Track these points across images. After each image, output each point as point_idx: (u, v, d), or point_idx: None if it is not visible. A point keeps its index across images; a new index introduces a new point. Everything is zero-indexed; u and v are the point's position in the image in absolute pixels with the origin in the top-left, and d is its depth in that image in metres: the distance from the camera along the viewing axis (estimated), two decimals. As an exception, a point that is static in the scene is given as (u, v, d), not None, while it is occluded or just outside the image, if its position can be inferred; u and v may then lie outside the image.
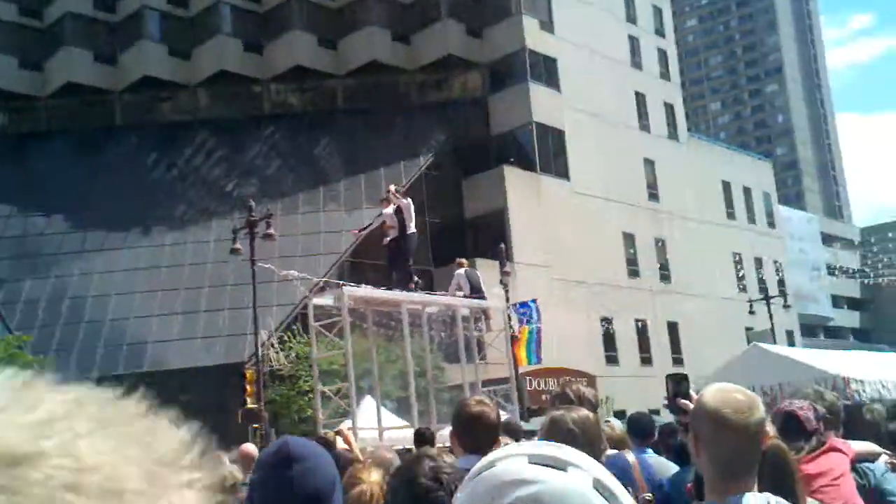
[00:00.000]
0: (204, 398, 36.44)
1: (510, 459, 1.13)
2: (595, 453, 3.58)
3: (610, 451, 4.90)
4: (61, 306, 36.00)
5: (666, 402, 3.88)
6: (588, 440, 3.49)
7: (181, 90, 46.41)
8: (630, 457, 5.29)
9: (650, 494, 4.94)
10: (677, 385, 4.27)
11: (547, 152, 45.16)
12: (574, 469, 1.09)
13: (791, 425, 4.37)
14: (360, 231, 18.68)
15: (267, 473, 2.32)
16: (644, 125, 51.58)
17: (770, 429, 3.76)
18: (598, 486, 1.07)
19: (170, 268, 37.42)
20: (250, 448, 9.63)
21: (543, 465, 1.08)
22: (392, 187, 18.77)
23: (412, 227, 18.37)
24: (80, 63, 45.19)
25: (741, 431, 2.59)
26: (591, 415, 3.73)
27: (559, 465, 1.08)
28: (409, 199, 18.54)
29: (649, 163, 50.81)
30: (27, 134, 44.53)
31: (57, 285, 36.84)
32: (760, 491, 2.65)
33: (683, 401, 4.22)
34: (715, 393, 2.72)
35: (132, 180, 40.43)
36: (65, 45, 45.09)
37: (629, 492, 3.49)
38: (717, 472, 2.64)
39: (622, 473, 4.85)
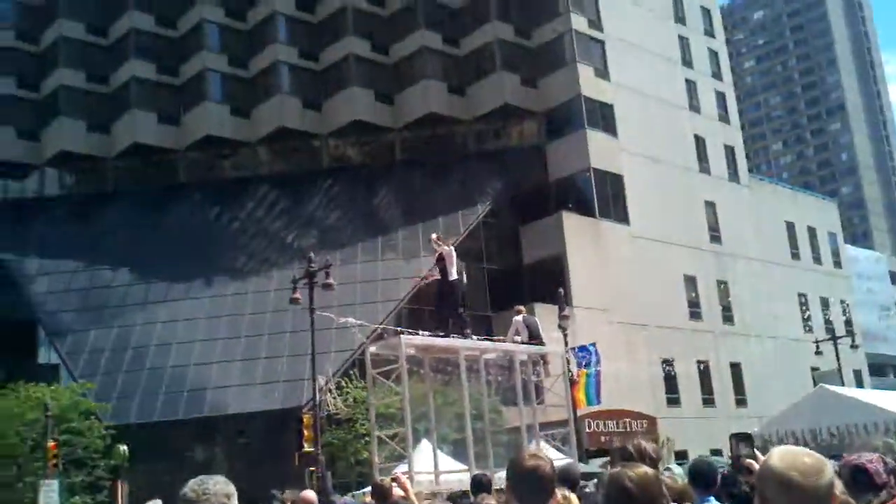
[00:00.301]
0: (262, 442, 36.93)
1: None
2: None
3: None
4: (124, 355, 36.86)
5: (730, 460, 3.85)
6: (647, 498, 3.46)
7: (242, 147, 47.60)
8: None
9: None
10: (741, 444, 4.25)
11: (605, 197, 45.08)
12: None
13: (860, 478, 4.27)
14: (424, 279, 18.81)
15: None
16: (704, 167, 51.24)
17: (837, 483, 3.68)
18: None
19: (230, 317, 38.11)
20: (310, 495, 9.63)
21: None
22: (434, 235, 18.89)
23: (454, 274, 18.41)
24: (144, 125, 46.72)
25: (810, 495, 2.58)
26: (650, 471, 3.70)
27: None
28: (452, 247, 18.63)
29: (710, 205, 50.36)
30: (95, 193, 46.05)
31: (120, 335, 37.76)
32: None
33: (748, 460, 4.17)
34: (782, 455, 2.68)
35: (195, 235, 41.46)
36: (130, 108, 46.71)
37: None
38: None
39: None
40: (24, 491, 27.14)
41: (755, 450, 4.40)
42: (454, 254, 18.53)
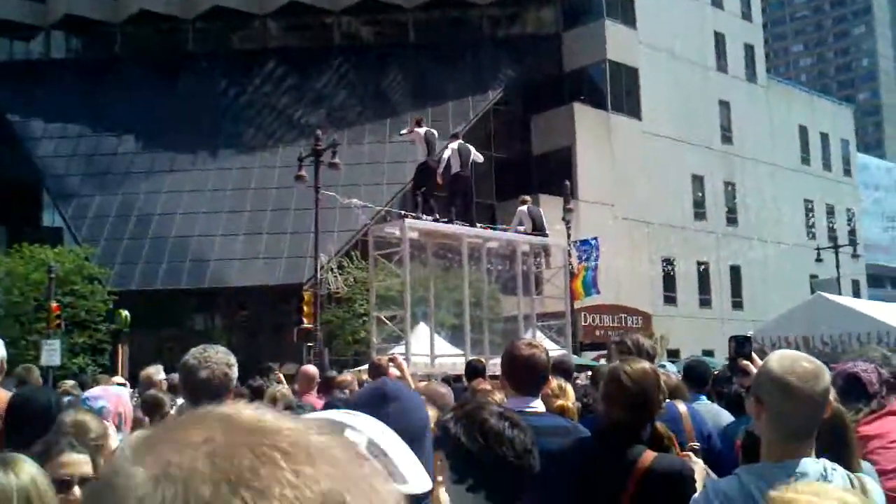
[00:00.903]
0: (262, 316, 37.59)
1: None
2: (652, 405, 3.59)
3: None
4: (128, 222, 37.04)
5: (727, 361, 3.86)
6: (644, 393, 3.53)
7: (252, 20, 46.58)
8: (681, 407, 5.26)
9: (697, 444, 4.91)
10: (740, 346, 4.25)
11: (619, 90, 44.44)
12: (350, 431, 1.14)
13: (853, 387, 4.29)
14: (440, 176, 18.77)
15: (363, 411, 2.40)
16: (722, 66, 50.28)
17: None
18: (371, 447, 1.14)
19: (235, 190, 38.11)
20: (311, 369, 9.77)
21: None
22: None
23: (456, 167, 18.51)
24: (155, -10, 45.59)
25: (806, 400, 2.62)
26: (648, 366, 3.75)
27: (335, 430, 1.14)
28: (459, 140, 18.76)
29: (725, 104, 49.65)
30: (102, 59, 45.35)
31: (124, 202, 37.85)
32: (817, 455, 2.69)
33: (745, 362, 4.20)
34: (781, 360, 2.73)
35: (202, 106, 41.04)
36: (141, -28, 45.48)
37: (678, 440, 3.46)
38: (777, 437, 2.68)
39: (671, 423, 4.86)
40: (26, 348, 27.70)
41: (753, 353, 4.42)
42: (462, 146, 18.49)
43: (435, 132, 18.77)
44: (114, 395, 5.09)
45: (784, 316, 19.01)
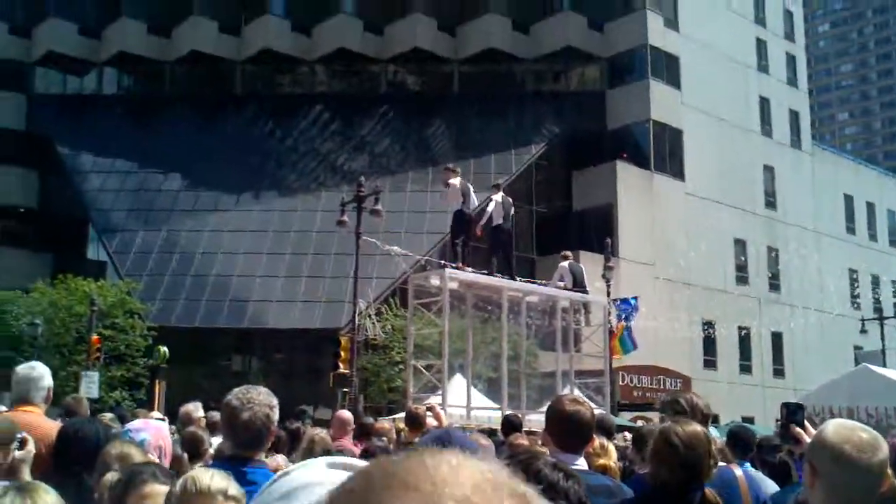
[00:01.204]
0: (298, 359, 37.63)
1: (307, 467, 1.20)
2: (703, 468, 3.53)
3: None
4: (170, 259, 37.39)
5: (778, 427, 3.78)
6: (695, 455, 3.48)
7: (300, 65, 47.33)
8: (737, 471, 5.12)
9: None
10: (793, 413, 4.15)
11: (662, 151, 44.37)
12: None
13: None
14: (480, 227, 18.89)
15: None
16: (766, 131, 50.13)
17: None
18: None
19: (277, 232, 38.39)
20: (346, 414, 9.73)
21: (340, 469, 1.13)
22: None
23: (497, 220, 18.52)
24: (205, 32, 46.46)
25: (863, 471, 2.59)
26: (699, 429, 3.67)
27: (350, 469, 1.11)
28: (500, 194, 18.78)
29: (769, 169, 49.40)
30: (151, 97, 46.29)
31: (168, 239, 38.26)
32: None
33: (798, 430, 4.11)
34: (838, 428, 2.70)
35: (248, 147, 41.59)
36: (192, 14, 46.46)
37: None
38: None
39: (727, 487, 4.74)
40: (66, 379, 27.91)
41: (805, 421, 4.30)
42: (504, 199, 18.53)
43: (469, 184, 18.78)
44: (154, 428, 5.06)
45: (828, 386, 18.67)
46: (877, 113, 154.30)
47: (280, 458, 7.32)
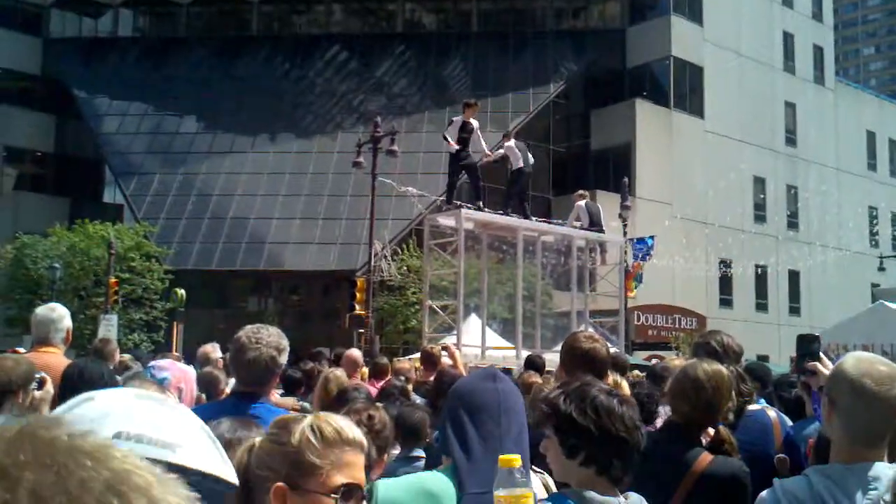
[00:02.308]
0: (314, 300, 37.87)
1: (112, 395, 1.17)
2: (720, 408, 3.56)
3: (752, 407, 4.76)
4: (187, 202, 37.46)
5: (793, 359, 3.77)
6: (717, 394, 3.51)
7: (317, 4, 46.78)
8: (772, 414, 5.07)
9: (784, 456, 4.76)
10: (808, 346, 4.13)
11: (683, 88, 43.79)
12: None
13: None
14: (488, 158, 18.62)
15: (477, 387, 2.66)
16: (789, 67, 49.25)
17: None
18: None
19: (293, 174, 38.34)
20: (355, 353, 9.83)
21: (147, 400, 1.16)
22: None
23: (521, 163, 18.35)
24: (221, -29, 46.02)
25: (881, 403, 2.59)
26: (724, 371, 3.70)
27: (157, 402, 1.18)
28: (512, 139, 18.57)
29: (790, 106, 48.66)
30: (167, 39, 45.93)
31: (184, 182, 38.29)
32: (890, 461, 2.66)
33: (813, 363, 4.08)
34: (857, 362, 2.70)
35: (263, 88, 41.36)
36: (207, -47, 45.91)
37: (768, 452, 3.51)
38: (849, 439, 2.65)
39: (762, 433, 4.75)
40: (85, 323, 28.24)
41: (821, 354, 4.30)
42: (518, 143, 18.37)
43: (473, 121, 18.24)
44: (180, 370, 5.11)
45: (844, 323, 18.66)
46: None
47: (291, 401, 7.36)
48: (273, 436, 1.88)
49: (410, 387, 8.18)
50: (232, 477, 1.24)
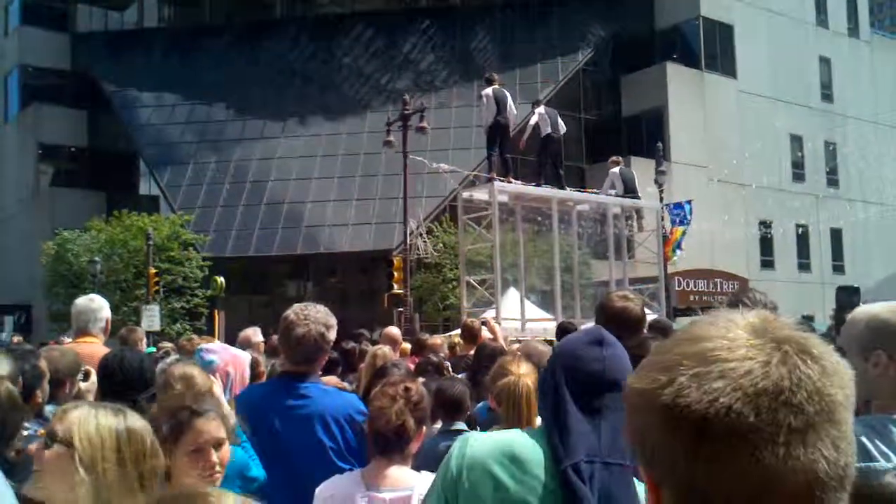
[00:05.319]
0: (352, 282, 37.97)
1: None
2: None
3: None
4: (221, 189, 37.64)
5: (833, 312, 3.67)
6: None
7: (340, -17, 46.58)
8: None
9: None
10: (848, 297, 4.01)
11: (713, 49, 43.10)
12: None
13: None
14: (524, 141, 18.65)
15: (584, 352, 2.50)
16: (822, 20, 48.24)
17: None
18: None
19: (325, 157, 38.34)
20: (394, 330, 9.88)
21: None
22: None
23: (550, 129, 18.15)
24: (242, -45, 45.93)
25: None
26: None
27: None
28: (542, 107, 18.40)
29: (825, 61, 47.72)
30: (192, 27, 46.02)
31: (217, 170, 38.46)
32: None
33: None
34: (893, 308, 2.70)
35: (291, 72, 41.38)
36: (230, -61, 45.85)
37: None
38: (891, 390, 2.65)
39: None
40: (127, 315, 28.55)
41: (862, 304, 4.16)
42: (548, 110, 18.17)
43: (506, 91, 18.27)
44: (231, 354, 5.09)
45: (888, 280, 18.31)
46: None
47: (334, 379, 7.39)
48: None
49: (448, 363, 8.22)
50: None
